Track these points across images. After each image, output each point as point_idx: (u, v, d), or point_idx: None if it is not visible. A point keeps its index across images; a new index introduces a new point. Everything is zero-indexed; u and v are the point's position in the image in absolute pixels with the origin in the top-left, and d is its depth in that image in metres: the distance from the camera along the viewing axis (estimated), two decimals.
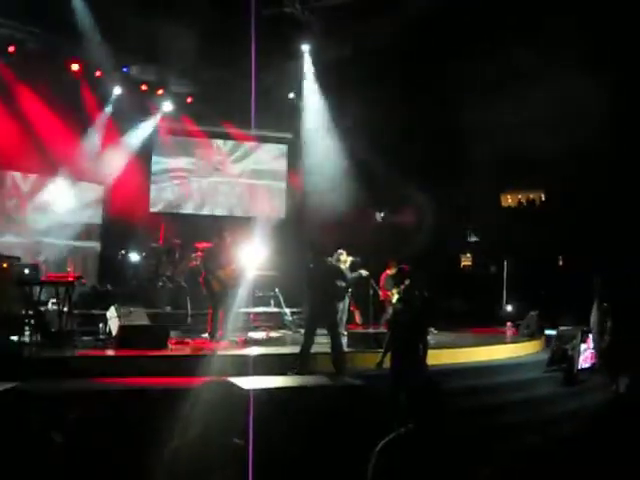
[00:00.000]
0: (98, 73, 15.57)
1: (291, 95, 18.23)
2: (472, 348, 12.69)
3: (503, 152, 16.18)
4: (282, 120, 18.20)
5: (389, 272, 14.49)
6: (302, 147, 18.41)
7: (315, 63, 17.15)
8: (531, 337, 14.41)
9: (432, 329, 12.56)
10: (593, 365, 12.12)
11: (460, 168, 18.20)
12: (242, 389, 4.23)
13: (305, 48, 16.67)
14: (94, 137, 16.15)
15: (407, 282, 9.53)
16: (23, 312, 10.60)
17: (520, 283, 17.13)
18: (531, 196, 22.02)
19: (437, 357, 10.62)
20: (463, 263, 20.93)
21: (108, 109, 16.44)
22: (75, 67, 15.11)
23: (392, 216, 19.51)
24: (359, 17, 14.47)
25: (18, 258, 11.69)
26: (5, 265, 10.69)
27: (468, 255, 21.20)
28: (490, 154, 16.57)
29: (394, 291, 13.84)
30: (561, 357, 12.05)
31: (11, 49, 14.12)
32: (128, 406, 7.32)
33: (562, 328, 12.90)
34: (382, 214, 19.96)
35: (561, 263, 20.10)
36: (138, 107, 16.97)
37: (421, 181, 17.45)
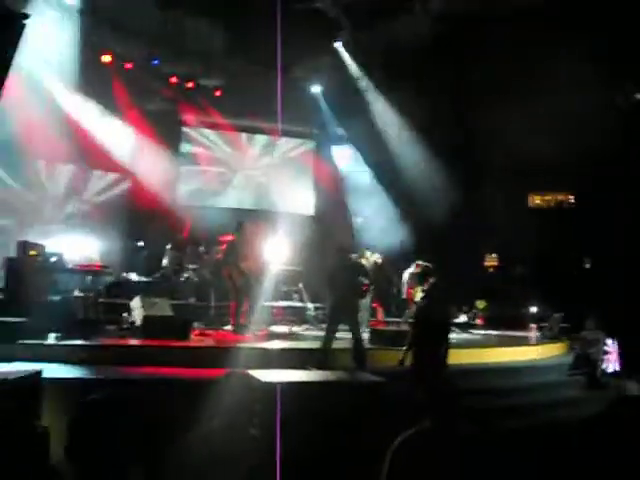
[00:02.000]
0: (129, 65, 15.68)
1: (317, 89, 18.15)
2: (494, 349, 12.61)
3: (532, 153, 16.06)
4: (310, 115, 18.22)
5: (413, 270, 14.47)
6: (331, 142, 18.43)
7: (345, 58, 17.18)
8: (554, 339, 14.30)
9: (455, 328, 12.52)
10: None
11: (488, 168, 18.11)
12: (261, 382, 4.29)
13: (338, 44, 16.67)
14: (124, 129, 16.26)
15: (431, 280, 9.49)
16: (49, 299, 10.74)
17: (546, 285, 16.99)
18: (559, 197, 21.79)
19: (459, 356, 10.58)
20: (489, 263, 20.79)
21: (138, 101, 16.56)
22: (107, 58, 15.23)
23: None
24: (389, 14, 14.46)
25: (44, 246, 11.84)
26: (32, 253, 10.84)
27: (494, 255, 21.03)
28: (519, 155, 16.47)
29: (418, 289, 13.86)
30: (584, 361, 11.95)
31: None
32: (149, 395, 7.37)
33: (585, 331, 12.78)
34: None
35: (588, 266, 19.87)
36: (168, 100, 17.08)
37: (448, 180, 17.41)
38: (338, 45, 16.79)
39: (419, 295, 13.54)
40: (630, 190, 16.50)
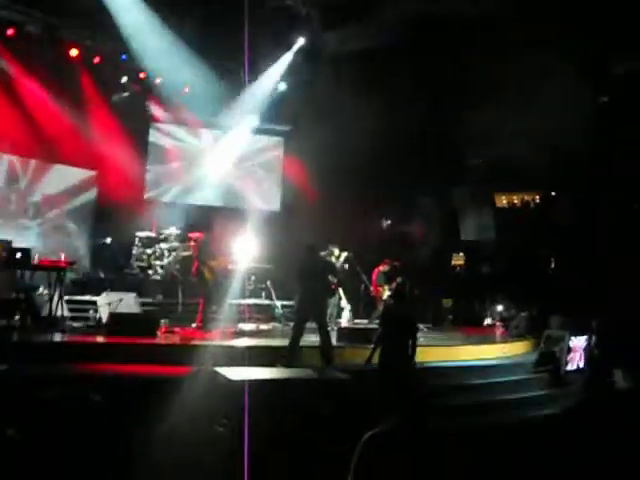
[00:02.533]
0: (97, 59, 15.52)
1: (283, 87, 17.98)
2: (461, 347, 12.74)
3: (498, 153, 16.21)
4: (279, 112, 18.16)
5: (381, 268, 14.56)
6: (298, 140, 18.35)
7: (313, 56, 17.11)
8: (520, 337, 14.47)
9: (422, 326, 12.60)
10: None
11: (455, 168, 18.25)
12: (228, 379, 4.28)
13: (300, 41, 16.59)
14: (90, 123, 16.07)
15: (399, 279, 9.56)
16: (13, 296, 10.61)
17: (511, 284, 17.17)
18: (526, 197, 22.02)
19: (426, 354, 10.68)
20: (454, 262, 20.95)
21: (106, 95, 16.41)
22: (74, 52, 15.05)
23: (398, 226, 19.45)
24: (358, 13, 14.50)
25: (10, 242, 11.68)
26: None
27: (460, 254, 21.20)
28: (485, 155, 16.62)
29: (385, 287, 13.96)
30: (548, 358, 12.10)
31: (10, 32, 14.06)
32: (116, 392, 7.33)
33: (550, 330, 12.96)
34: (388, 222, 19.88)
35: (553, 265, 20.12)
36: (136, 94, 16.93)
37: (415, 181, 17.53)
38: (304, 43, 16.70)
39: (386, 293, 13.67)
40: (597, 190, 16.74)
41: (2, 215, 15.04)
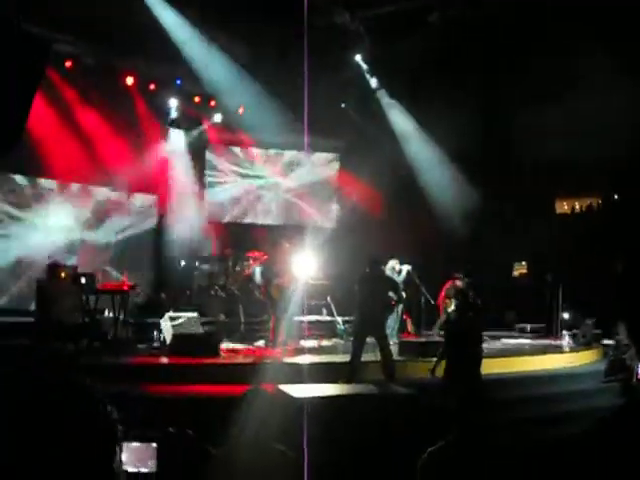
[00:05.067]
0: (152, 86, 15.83)
1: (343, 105, 18.10)
2: (526, 357, 12.50)
3: (558, 157, 15.91)
4: (334, 130, 18.19)
5: (456, 283, 14.14)
6: (354, 155, 18.38)
7: (368, 71, 17.20)
8: (587, 346, 14.11)
9: (486, 337, 12.41)
10: None
11: (514, 174, 17.99)
12: (290, 396, 4.29)
13: (358, 58, 16.68)
14: (148, 148, 16.39)
15: (464, 291, 9.46)
16: (80, 320, 10.85)
17: (576, 291, 16.78)
18: (588, 202, 21.55)
19: (491, 366, 10.49)
20: (518, 271, 20.57)
21: (162, 121, 16.72)
22: (130, 80, 15.39)
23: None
24: (409, 25, 14.46)
25: (75, 267, 11.97)
26: (63, 274, 10.96)
27: (523, 263, 20.81)
28: (545, 159, 16.33)
29: (451, 300, 13.74)
30: (619, 367, 11.74)
31: (68, 64, 14.47)
32: (181, 412, 7.42)
33: (619, 337, 12.58)
34: None
35: (620, 270, 19.56)
36: (191, 118, 17.22)
37: (474, 187, 17.34)
38: (358, 59, 16.79)
39: (451, 307, 13.47)
40: None
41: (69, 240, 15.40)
